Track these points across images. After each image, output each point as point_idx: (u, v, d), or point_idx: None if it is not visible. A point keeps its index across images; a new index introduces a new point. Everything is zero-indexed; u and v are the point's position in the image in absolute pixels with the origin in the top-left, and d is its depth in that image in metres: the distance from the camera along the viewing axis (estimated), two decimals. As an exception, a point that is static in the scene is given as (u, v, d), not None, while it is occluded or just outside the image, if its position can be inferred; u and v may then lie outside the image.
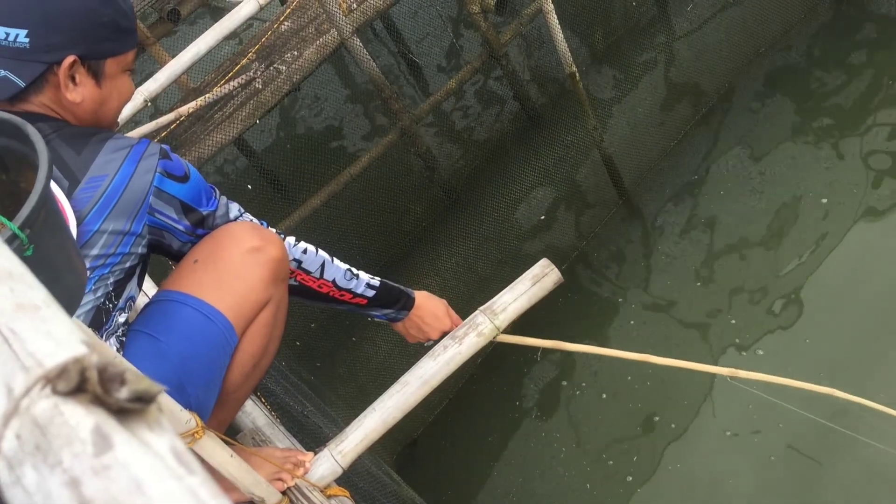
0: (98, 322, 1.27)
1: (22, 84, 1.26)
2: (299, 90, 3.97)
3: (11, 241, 0.76)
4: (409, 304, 1.65)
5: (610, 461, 2.84)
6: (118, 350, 1.30)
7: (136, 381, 0.30)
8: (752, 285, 3.10)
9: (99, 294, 1.27)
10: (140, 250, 1.31)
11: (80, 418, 0.30)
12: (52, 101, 1.29)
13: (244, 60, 3.59)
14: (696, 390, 2.90)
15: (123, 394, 0.30)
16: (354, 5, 3.36)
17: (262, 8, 3.25)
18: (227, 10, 3.35)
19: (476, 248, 3.64)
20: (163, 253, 1.38)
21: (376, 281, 1.59)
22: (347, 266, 1.56)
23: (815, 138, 3.48)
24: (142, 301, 1.64)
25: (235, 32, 3.48)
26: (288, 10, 3.74)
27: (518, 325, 1.67)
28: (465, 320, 1.64)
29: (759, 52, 3.94)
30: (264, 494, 1.31)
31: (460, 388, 3.23)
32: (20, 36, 1.24)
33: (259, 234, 1.37)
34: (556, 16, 3.05)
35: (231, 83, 3.44)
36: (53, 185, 1.15)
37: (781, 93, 3.73)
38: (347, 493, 1.52)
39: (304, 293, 1.54)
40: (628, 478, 2.78)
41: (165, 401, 1.05)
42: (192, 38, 3.41)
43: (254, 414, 1.86)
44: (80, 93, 1.30)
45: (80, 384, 0.30)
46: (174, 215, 1.32)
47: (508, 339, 1.65)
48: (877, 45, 3.72)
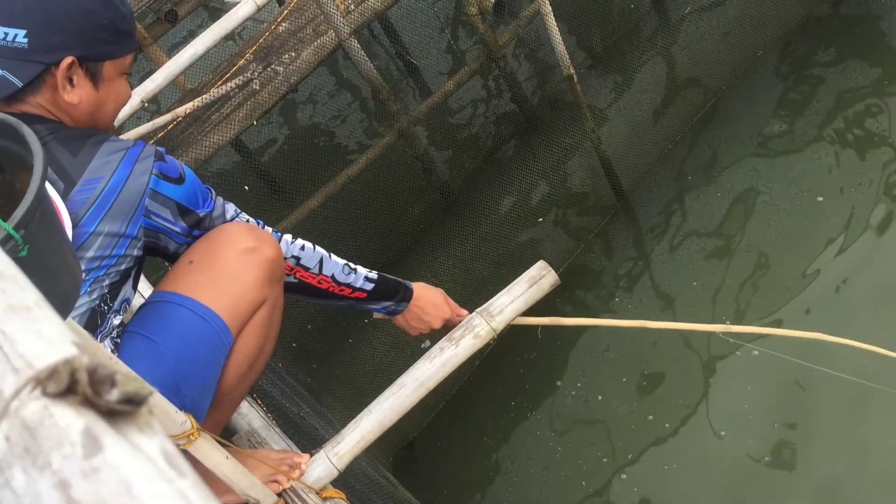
0: (93, 324, 1.27)
1: (19, 84, 1.26)
2: (297, 91, 3.97)
3: (6, 241, 0.76)
4: (407, 295, 1.66)
5: (605, 459, 2.85)
6: (113, 351, 1.30)
7: (127, 382, 0.30)
8: (750, 286, 3.11)
9: (94, 296, 1.27)
10: (135, 252, 1.30)
11: (70, 420, 0.30)
12: (48, 103, 1.29)
13: (241, 61, 3.58)
14: (691, 390, 2.91)
15: (114, 395, 0.30)
16: (352, 6, 3.35)
17: (259, 9, 3.24)
18: (224, 11, 3.34)
19: (473, 249, 3.63)
20: (159, 255, 1.38)
21: (374, 274, 1.60)
22: (345, 261, 1.57)
23: (815, 138, 3.48)
24: (137, 302, 1.64)
25: (233, 33, 3.48)
26: (286, 11, 3.74)
27: (515, 329, 1.67)
28: (461, 322, 1.64)
29: (757, 55, 3.94)
30: (260, 496, 1.31)
31: (457, 390, 3.23)
32: (19, 36, 1.24)
33: (254, 234, 1.37)
34: (553, 18, 3.06)
35: (228, 84, 3.44)
36: (49, 187, 1.15)
37: (780, 94, 3.74)
38: (343, 496, 1.52)
39: (304, 290, 1.54)
40: (623, 475, 2.79)
41: (160, 402, 1.05)
42: (189, 38, 3.41)
43: (250, 416, 1.86)
44: (77, 94, 1.30)
45: (70, 386, 0.30)
46: (170, 217, 1.32)
47: (506, 323, 1.65)
48: (870, 45, 3.72)
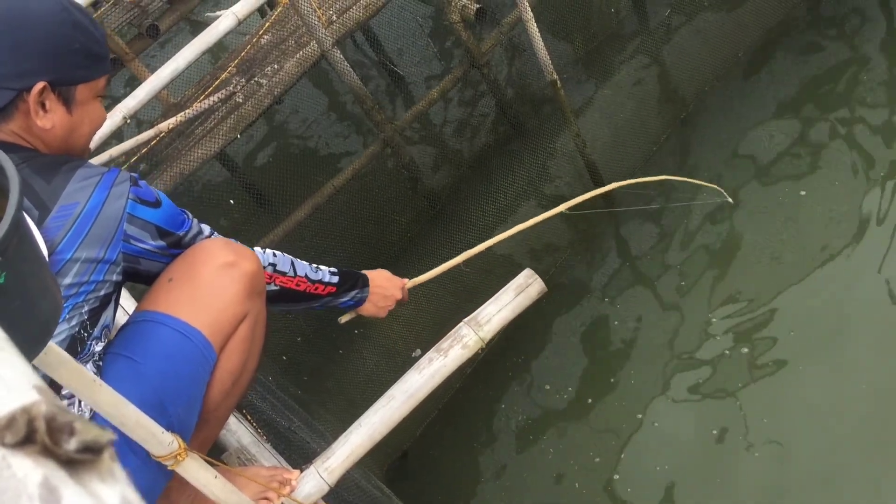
0: (73, 351, 1.26)
1: None
2: (281, 103, 3.96)
3: (-19, 269, 0.75)
4: (366, 280, 1.80)
5: (597, 458, 2.86)
6: (96, 374, 1.28)
7: (86, 430, 0.29)
8: (736, 290, 3.11)
9: (73, 323, 1.25)
10: (115, 278, 1.29)
11: (28, 471, 0.29)
12: (21, 129, 1.28)
13: (224, 74, 3.57)
14: (685, 391, 2.92)
15: (72, 444, 0.29)
16: (334, 17, 3.35)
17: (240, 22, 3.23)
18: (206, 25, 3.33)
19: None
20: (140, 280, 1.37)
21: (334, 269, 1.72)
22: (307, 262, 1.67)
23: (798, 138, 3.50)
24: (119, 319, 1.63)
25: (215, 47, 3.47)
26: (268, 24, 3.74)
27: (504, 334, 1.67)
28: (449, 333, 1.63)
29: (738, 56, 3.96)
30: (249, 515, 1.30)
31: (449, 398, 3.23)
32: None
33: (232, 249, 1.37)
34: (535, 24, 3.06)
35: (212, 98, 3.43)
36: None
37: (761, 95, 3.75)
38: (334, 511, 1.50)
39: (286, 297, 1.58)
40: (615, 476, 2.79)
41: (146, 423, 1.04)
42: (168, 54, 3.39)
43: (239, 432, 1.85)
44: (50, 119, 1.28)
45: (28, 435, 0.29)
46: (150, 241, 1.31)
47: (420, 280, 1.97)
48: (848, 46, 3.74)
